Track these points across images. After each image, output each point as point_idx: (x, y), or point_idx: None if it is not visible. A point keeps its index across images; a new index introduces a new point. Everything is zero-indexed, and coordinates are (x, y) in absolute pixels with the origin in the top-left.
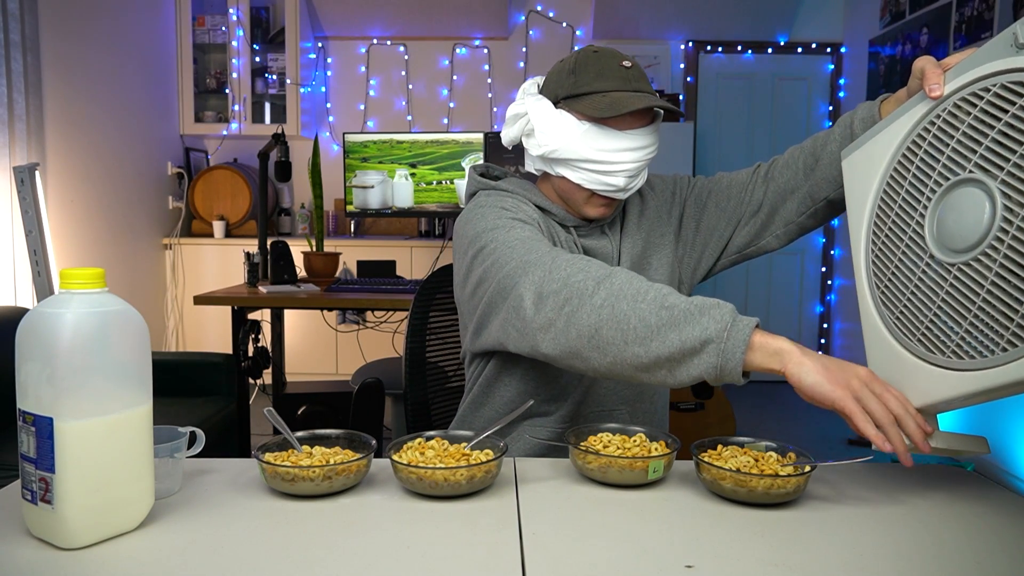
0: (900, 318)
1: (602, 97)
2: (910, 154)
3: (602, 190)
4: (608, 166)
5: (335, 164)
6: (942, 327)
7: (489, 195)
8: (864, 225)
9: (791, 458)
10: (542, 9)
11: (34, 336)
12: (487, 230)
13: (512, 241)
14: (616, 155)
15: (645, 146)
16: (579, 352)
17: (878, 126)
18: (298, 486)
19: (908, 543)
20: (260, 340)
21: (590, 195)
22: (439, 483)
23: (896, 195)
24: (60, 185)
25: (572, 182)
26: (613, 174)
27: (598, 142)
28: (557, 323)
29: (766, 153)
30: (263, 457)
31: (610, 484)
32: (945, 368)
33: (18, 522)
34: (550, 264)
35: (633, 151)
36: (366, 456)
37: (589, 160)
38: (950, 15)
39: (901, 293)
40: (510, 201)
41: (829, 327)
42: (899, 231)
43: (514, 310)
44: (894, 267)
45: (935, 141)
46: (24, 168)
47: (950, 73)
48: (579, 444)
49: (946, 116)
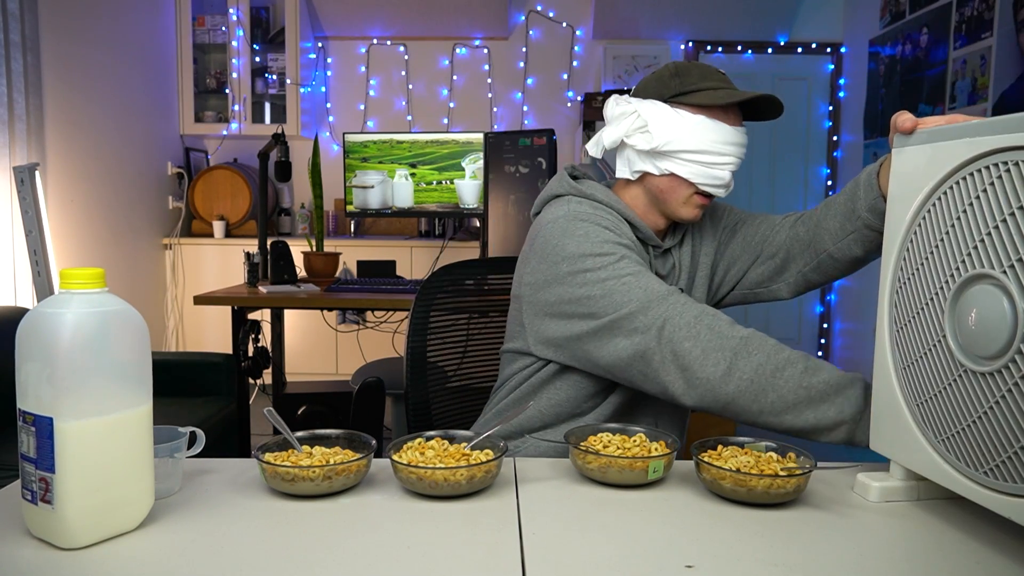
0: (927, 414)
1: (714, 92)
2: (912, 245)
3: (709, 183)
4: (718, 157)
5: (335, 164)
6: (980, 441)
7: (581, 203)
8: (888, 283)
9: (791, 458)
10: (542, 9)
11: (34, 336)
12: (593, 254)
13: (623, 274)
14: (726, 147)
15: (745, 144)
16: (714, 411)
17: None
18: (298, 486)
19: (908, 543)
20: (260, 340)
21: (691, 193)
22: (439, 483)
23: (912, 281)
24: (60, 185)
25: (679, 177)
26: (721, 166)
27: (710, 134)
28: (700, 387)
29: (766, 153)
30: (263, 457)
31: (610, 484)
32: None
33: (18, 522)
34: (682, 321)
35: (738, 146)
36: (366, 456)
37: (702, 151)
38: (950, 15)
39: (927, 389)
40: (608, 219)
41: (829, 327)
42: (921, 324)
43: (655, 357)
44: (918, 355)
45: (934, 231)
46: (24, 168)
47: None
48: (579, 444)
49: (941, 199)
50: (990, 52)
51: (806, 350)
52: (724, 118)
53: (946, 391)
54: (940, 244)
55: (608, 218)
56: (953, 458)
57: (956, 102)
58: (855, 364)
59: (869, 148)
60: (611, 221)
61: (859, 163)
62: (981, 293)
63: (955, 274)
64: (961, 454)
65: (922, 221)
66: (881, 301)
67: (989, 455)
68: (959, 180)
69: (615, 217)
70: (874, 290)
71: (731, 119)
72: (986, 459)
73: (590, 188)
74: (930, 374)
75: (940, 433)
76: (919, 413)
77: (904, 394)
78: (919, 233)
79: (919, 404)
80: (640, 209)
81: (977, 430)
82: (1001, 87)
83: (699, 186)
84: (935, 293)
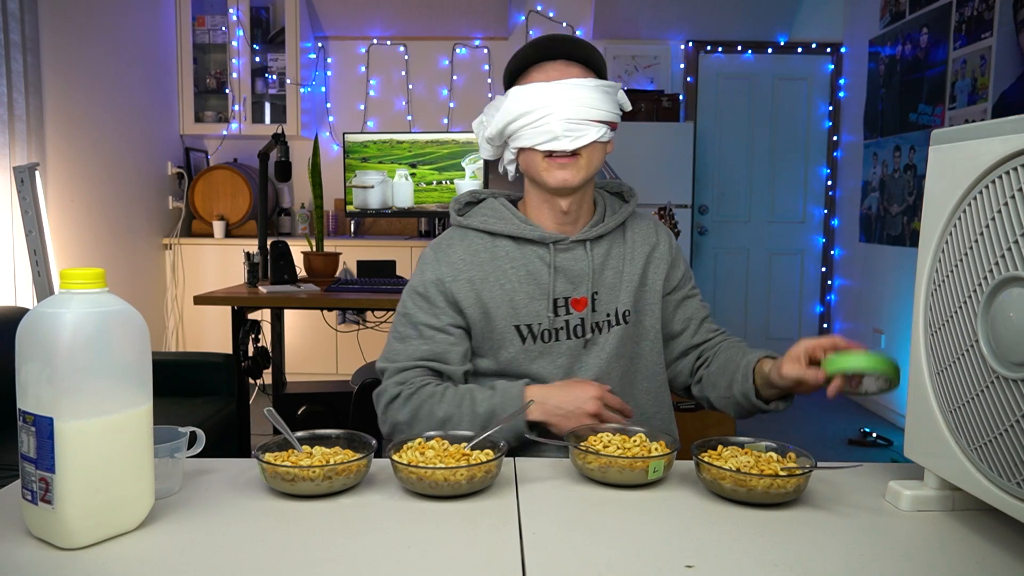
0: (960, 421)
1: (522, 58)
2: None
3: (544, 142)
4: (540, 112)
5: (335, 164)
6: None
7: (438, 246)
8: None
9: (791, 458)
10: (542, 9)
11: (34, 336)
12: (402, 301)
13: (396, 328)
14: (542, 100)
15: (578, 98)
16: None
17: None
18: (298, 486)
19: (908, 543)
20: (260, 340)
21: (544, 158)
22: (439, 483)
23: (946, 284)
24: (60, 185)
25: (524, 148)
26: (544, 119)
27: (525, 96)
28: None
29: (766, 153)
30: (263, 457)
31: (610, 484)
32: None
33: (18, 522)
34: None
35: (563, 101)
36: (366, 456)
37: (523, 114)
38: (950, 15)
39: (960, 395)
40: (441, 268)
41: (829, 327)
42: (953, 329)
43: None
44: (951, 360)
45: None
46: (24, 168)
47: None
48: (579, 444)
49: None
50: (990, 52)
51: None
52: (542, 77)
53: (978, 398)
54: (973, 247)
55: (442, 265)
56: (985, 467)
57: (956, 102)
58: None
59: (869, 148)
60: (444, 271)
61: (859, 163)
62: (1014, 297)
63: (988, 277)
64: (993, 463)
65: (957, 223)
66: (916, 305)
67: (1022, 465)
68: (992, 181)
69: (462, 251)
70: (874, 290)
71: (551, 74)
72: (1019, 469)
73: (476, 213)
74: (962, 380)
75: (972, 441)
76: (952, 420)
77: (938, 401)
78: (954, 235)
79: (952, 411)
80: (534, 202)
81: (1010, 439)
82: (1001, 87)
83: (537, 147)
84: (968, 297)
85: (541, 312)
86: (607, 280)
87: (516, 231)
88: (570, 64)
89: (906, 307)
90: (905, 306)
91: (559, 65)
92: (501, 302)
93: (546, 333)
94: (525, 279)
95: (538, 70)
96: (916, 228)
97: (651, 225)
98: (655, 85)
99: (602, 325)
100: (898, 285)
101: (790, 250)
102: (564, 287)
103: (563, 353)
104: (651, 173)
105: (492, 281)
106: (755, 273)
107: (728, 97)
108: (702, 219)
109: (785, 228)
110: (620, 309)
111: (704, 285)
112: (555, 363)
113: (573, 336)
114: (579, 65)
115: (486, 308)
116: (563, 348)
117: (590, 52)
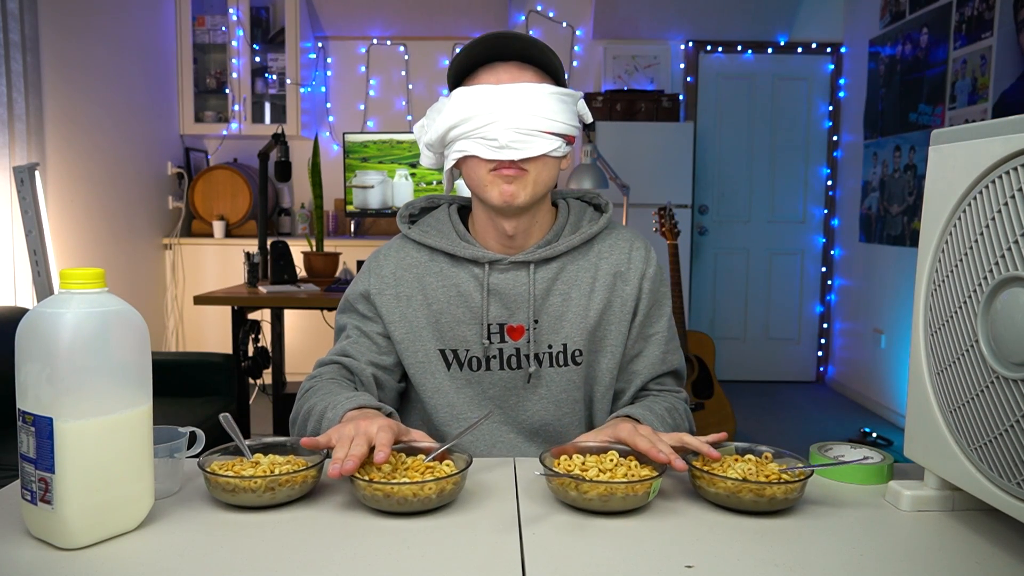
0: (960, 421)
1: (468, 56)
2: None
3: (487, 151)
4: (484, 118)
5: (335, 164)
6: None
7: (375, 256)
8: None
9: (767, 458)
10: (542, 9)
11: (34, 336)
12: (341, 303)
13: (338, 328)
14: (486, 104)
15: (530, 105)
16: None
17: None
18: (239, 497)
19: (908, 543)
20: (260, 340)
21: (489, 171)
22: (408, 499)
23: (946, 284)
24: (60, 185)
25: (468, 156)
26: (487, 126)
27: (472, 100)
28: None
29: (766, 153)
30: (208, 467)
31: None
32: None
33: (18, 522)
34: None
35: (512, 107)
36: (315, 466)
37: (467, 119)
38: (950, 15)
39: (960, 395)
40: (371, 280)
41: (829, 327)
42: (953, 329)
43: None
44: (951, 360)
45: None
46: (24, 168)
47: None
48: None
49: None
50: (990, 52)
51: (806, 350)
52: (491, 79)
53: (978, 398)
54: (973, 247)
55: (386, 265)
56: (986, 467)
57: (956, 102)
58: (855, 364)
59: (869, 148)
60: (386, 270)
61: (859, 163)
62: (1014, 297)
63: (988, 277)
64: (993, 463)
65: (957, 223)
66: (916, 305)
67: (1022, 465)
68: (992, 181)
69: (397, 264)
70: (874, 290)
71: (501, 77)
72: (1019, 469)
73: (423, 222)
74: (962, 380)
75: (972, 441)
76: (952, 420)
77: (938, 401)
78: (954, 235)
79: (952, 411)
80: (480, 219)
81: (1010, 439)
82: (1001, 87)
83: (480, 156)
84: (968, 297)
85: (470, 338)
86: (551, 307)
87: (450, 247)
88: (524, 67)
89: (906, 307)
90: (905, 306)
91: (511, 67)
92: (426, 323)
93: (475, 361)
94: (455, 300)
95: (487, 71)
96: (916, 228)
97: (626, 242)
98: (655, 85)
99: (542, 357)
100: (898, 285)
101: (790, 250)
102: (499, 312)
103: (496, 385)
104: (651, 173)
105: (419, 299)
106: (755, 273)
107: (728, 97)
108: (702, 219)
109: (785, 228)
110: (570, 347)
111: (704, 285)
112: (485, 394)
113: (507, 367)
114: (534, 69)
115: (412, 327)
116: (495, 380)
117: (547, 54)
